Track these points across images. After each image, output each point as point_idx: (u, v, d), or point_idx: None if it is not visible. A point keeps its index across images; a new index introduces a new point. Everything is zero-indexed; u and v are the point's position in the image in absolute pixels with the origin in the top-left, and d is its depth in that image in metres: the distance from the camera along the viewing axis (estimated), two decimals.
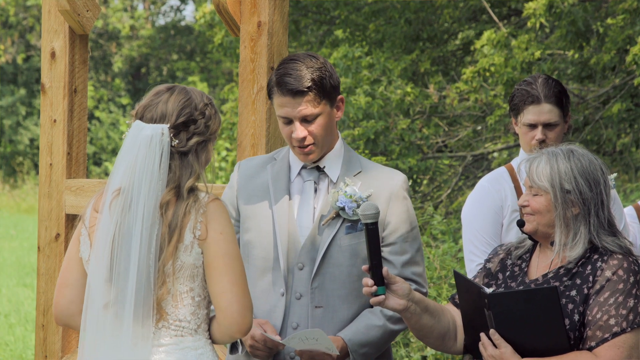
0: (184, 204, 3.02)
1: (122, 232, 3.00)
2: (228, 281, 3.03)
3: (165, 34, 29.19)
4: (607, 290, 3.24)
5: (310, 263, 3.61)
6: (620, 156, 10.69)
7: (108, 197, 3.06)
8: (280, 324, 3.61)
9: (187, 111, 3.07)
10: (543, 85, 4.10)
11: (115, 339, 3.02)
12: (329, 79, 3.60)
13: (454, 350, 3.51)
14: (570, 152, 3.36)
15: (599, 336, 3.22)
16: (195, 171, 3.06)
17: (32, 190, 24.59)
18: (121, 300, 3.00)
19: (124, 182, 3.02)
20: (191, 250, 3.04)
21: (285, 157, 3.75)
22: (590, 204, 3.31)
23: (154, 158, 3.00)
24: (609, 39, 9.79)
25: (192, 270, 3.05)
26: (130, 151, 3.03)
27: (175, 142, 3.03)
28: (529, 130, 4.11)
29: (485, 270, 3.55)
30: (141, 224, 2.98)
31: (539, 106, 4.08)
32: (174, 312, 3.06)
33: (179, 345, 3.08)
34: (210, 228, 3.04)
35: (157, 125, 3.04)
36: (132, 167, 3.01)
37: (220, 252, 3.05)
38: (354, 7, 12.94)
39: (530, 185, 3.36)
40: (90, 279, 3.06)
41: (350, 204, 3.59)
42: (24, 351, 9.32)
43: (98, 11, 4.97)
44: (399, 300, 3.31)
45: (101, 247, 3.03)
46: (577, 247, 3.31)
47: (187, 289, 3.06)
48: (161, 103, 3.08)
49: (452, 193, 11.39)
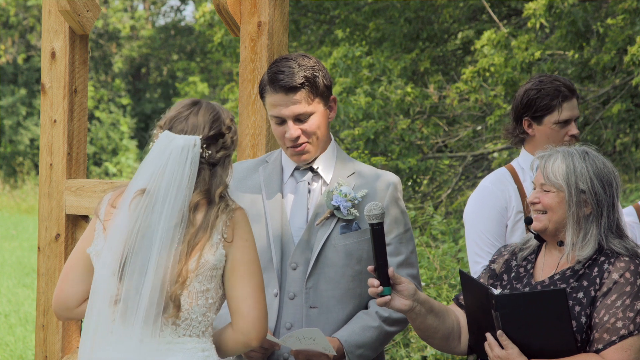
0: (216, 207, 3.11)
1: (142, 230, 3.05)
2: (252, 287, 3.11)
3: (166, 34, 29.20)
4: (615, 292, 3.24)
5: (304, 263, 3.59)
6: (620, 156, 10.69)
7: (129, 196, 3.10)
8: (274, 325, 3.59)
9: (216, 125, 3.16)
10: (565, 81, 4.14)
11: (121, 335, 3.04)
12: (322, 78, 3.58)
13: (458, 350, 3.50)
14: (585, 152, 3.36)
15: (606, 339, 3.21)
16: (223, 181, 3.15)
17: (32, 191, 24.59)
18: (133, 297, 3.03)
19: (151, 185, 3.08)
20: (216, 251, 3.09)
21: (277, 159, 3.73)
22: (603, 205, 3.31)
23: (185, 165, 3.09)
24: (609, 39, 9.79)
25: (212, 272, 3.10)
26: (159, 157, 3.10)
27: (207, 153, 3.13)
28: (561, 127, 4.12)
29: (489, 271, 3.54)
30: (165, 224, 3.04)
31: (572, 101, 4.14)
32: (187, 310, 3.09)
33: (186, 345, 3.10)
34: (236, 234, 3.13)
35: (190, 136, 3.12)
36: (160, 172, 3.08)
37: (245, 259, 3.13)
38: (353, 7, 12.94)
39: (543, 182, 3.34)
40: (98, 272, 3.09)
41: (345, 203, 3.57)
42: (24, 351, 9.32)
43: (98, 11, 4.97)
44: (404, 301, 3.30)
45: (115, 242, 3.07)
46: (587, 247, 3.31)
47: (204, 288, 3.10)
48: (192, 115, 3.16)
49: (452, 193, 11.39)
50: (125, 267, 3.05)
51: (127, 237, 3.05)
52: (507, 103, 10.25)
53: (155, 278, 3.02)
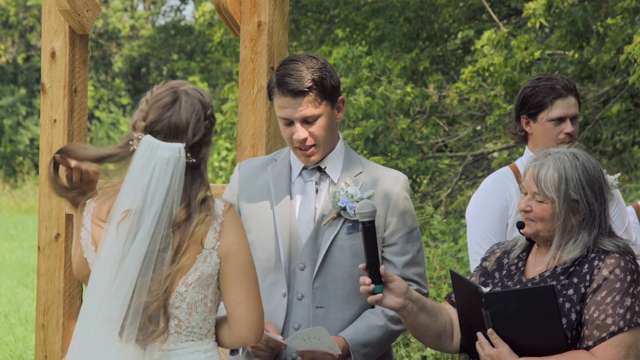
0: (197, 217, 3.02)
1: (127, 253, 2.98)
2: (245, 291, 3.07)
3: (166, 34, 29.18)
4: (605, 289, 3.24)
5: (311, 263, 3.61)
6: (619, 156, 10.69)
7: (116, 216, 3.01)
8: (282, 325, 3.60)
9: (199, 125, 3.03)
10: (563, 80, 4.15)
11: (124, 347, 3.02)
12: (330, 80, 3.59)
13: (451, 349, 3.51)
14: (574, 157, 3.34)
15: (596, 335, 3.21)
16: (205, 181, 3.05)
17: (32, 190, 24.57)
18: (115, 316, 2.99)
19: (134, 204, 2.98)
20: (210, 261, 3.05)
21: (286, 157, 3.74)
22: (595, 213, 3.31)
23: (169, 180, 2.98)
24: (609, 39, 9.79)
25: (208, 280, 3.07)
26: (143, 171, 2.98)
27: (192, 160, 3.02)
28: (555, 125, 4.12)
29: (481, 269, 3.55)
30: (146, 246, 2.97)
31: (567, 99, 4.12)
32: (187, 319, 3.08)
33: (190, 349, 3.10)
34: (228, 238, 3.06)
35: (174, 145, 2.99)
36: (144, 189, 2.97)
37: (237, 263, 3.07)
38: (353, 7, 12.94)
39: (536, 192, 3.33)
40: (92, 290, 3.04)
41: (352, 204, 3.58)
42: (24, 351, 9.32)
43: (98, 11, 4.97)
44: (396, 299, 3.31)
45: (108, 265, 3.00)
46: (575, 251, 3.31)
47: (201, 296, 3.08)
48: (174, 116, 3.03)
49: (452, 193, 11.39)
50: (117, 287, 2.99)
51: (118, 261, 2.99)
52: (507, 103, 10.25)
53: (139, 301, 2.97)
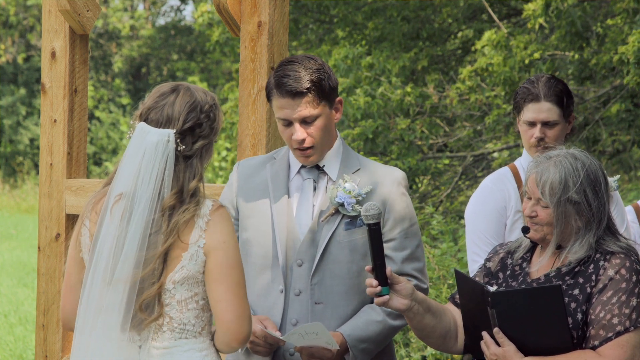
0: (184, 208, 3.02)
1: (121, 237, 3.00)
2: (223, 291, 3.04)
3: (166, 34, 29.18)
4: (610, 289, 3.25)
5: (309, 259, 3.62)
6: (619, 156, 10.69)
7: (110, 201, 3.04)
8: (280, 321, 3.62)
9: (193, 115, 3.05)
10: (544, 84, 4.15)
11: (104, 343, 3.01)
12: (328, 80, 3.61)
13: (455, 350, 3.51)
14: (574, 158, 3.35)
15: (602, 335, 3.22)
16: (198, 173, 3.05)
17: (32, 190, 24.58)
18: (112, 305, 2.99)
19: (127, 188, 3.01)
20: (197, 259, 3.05)
21: (284, 156, 3.76)
22: (596, 214, 3.32)
23: (159, 164, 2.99)
24: (609, 39, 9.78)
25: (195, 278, 3.07)
26: (135, 156, 3.02)
27: (181, 147, 3.03)
28: (528, 128, 4.16)
29: (485, 269, 3.55)
30: (140, 231, 2.98)
31: (539, 104, 4.13)
32: (179, 317, 3.08)
33: (183, 347, 3.10)
34: (214, 238, 3.05)
35: (164, 130, 3.02)
36: (135, 173, 3.00)
37: (219, 262, 3.05)
38: (353, 6, 12.94)
39: (540, 198, 3.34)
40: (88, 282, 3.05)
41: (350, 200, 3.60)
42: (24, 351, 9.32)
43: (98, 11, 4.97)
44: (402, 300, 3.32)
45: (103, 251, 3.02)
46: (581, 251, 3.32)
47: (191, 294, 3.08)
48: (167, 106, 3.06)
49: (451, 193, 11.39)
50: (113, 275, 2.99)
51: (112, 245, 3.00)
52: (506, 103, 10.26)
53: (131, 286, 2.97)
